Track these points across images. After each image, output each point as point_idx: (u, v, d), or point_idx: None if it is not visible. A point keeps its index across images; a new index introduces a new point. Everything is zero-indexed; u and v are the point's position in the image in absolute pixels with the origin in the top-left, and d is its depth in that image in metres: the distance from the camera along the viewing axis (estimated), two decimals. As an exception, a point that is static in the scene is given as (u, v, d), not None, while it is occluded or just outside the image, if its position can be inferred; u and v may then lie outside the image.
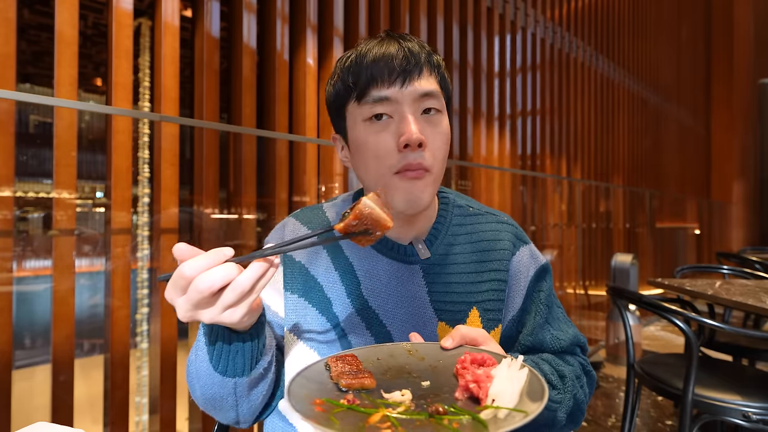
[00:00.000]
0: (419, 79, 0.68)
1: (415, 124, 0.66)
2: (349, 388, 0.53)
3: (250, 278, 0.50)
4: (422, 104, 0.68)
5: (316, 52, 2.02)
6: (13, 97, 1.23)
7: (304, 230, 0.80)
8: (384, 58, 0.68)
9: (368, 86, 0.68)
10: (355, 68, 0.69)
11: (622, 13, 4.84)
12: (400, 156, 0.67)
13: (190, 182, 1.75)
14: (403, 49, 0.68)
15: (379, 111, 0.68)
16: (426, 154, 0.67)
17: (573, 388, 0.71)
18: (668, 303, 1.69)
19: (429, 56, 0.70)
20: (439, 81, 0.71)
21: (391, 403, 0.50)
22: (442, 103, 0.71)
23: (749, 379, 1.69)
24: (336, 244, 0.78)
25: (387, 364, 0.60)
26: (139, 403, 2.11)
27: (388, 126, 0.68)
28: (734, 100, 8.28)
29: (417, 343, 0.63)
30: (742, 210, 8.32)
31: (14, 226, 1.31)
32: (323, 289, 0.75)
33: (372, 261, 0.76)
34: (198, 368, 0.65)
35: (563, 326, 0.80)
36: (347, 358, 0.57)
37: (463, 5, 2.83)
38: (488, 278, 0.77)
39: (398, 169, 0.68)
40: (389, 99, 0.67)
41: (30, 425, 0.67)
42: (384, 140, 0.68)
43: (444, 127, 0.71)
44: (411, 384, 0.55)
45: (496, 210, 0.87)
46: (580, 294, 4.06)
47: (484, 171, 2.95)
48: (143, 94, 2.53)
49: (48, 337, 1.33)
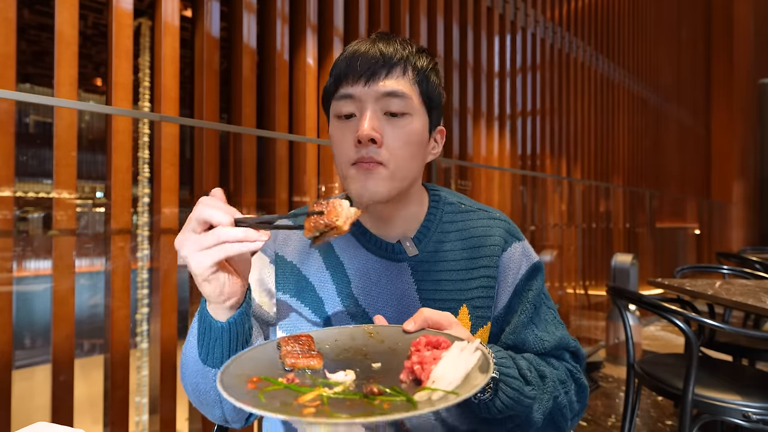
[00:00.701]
0: (386, 78, 0.69)
1: (370, 121, 0.67)
2: (293, 368, 0.53)
3: (233, 233, 0.53)
4: (385, 104, 0.69)
5: (316, 52, 2.02)
6: (13, 97, 1.23)
7: (300, 231, 0.80)
8: (355, 57, 0.69)
9: (339, 83, 0.70)
10: (334, 66, 0.72)
11: (622, 13, 4.84)
12: (356, 150, 0.69)
13: (190, 182, 1.75)
14: (377, 48, 0.69)
15: (346, 110, 0.70)
16: (381, 150, 0.68)
17: (554, 390, 0.70)
18: (668, 303, 1.69)
19: (407, 58, 0.71)
20: (417, 82, 0.71)
21: (330, 383, 0.50)
22: (412, 104, 0.70)
23: (749, 379, 1.69)
24: (327, 244, 0.79)
25: (345, 345, 0.60)
26: (139, 403, 2.11)
27: (352, 124, 0.70)
28: (734, 100, 8.28)
29: (379, 326, 0.63)
30: (742, 210, 8.32)
31: (14, 226, 1.31)
32: (315, 288, 0.76)
33: (362, 260, 0.77)
34: (187, 354, 0.66)
35: (550, 328, 0.78)
36: (301, 338, 0.57)
37: (463, 5, 2.83)
38: (478, 275, 0.76)
39: (353, 161, 0.69)
40: (353, 97, 0.69)
41: (30, 425, 0.67)
42: (345, 136, 0.70)
43: (410, 128, 0.70)
44: (361, 365, 0.55)
45: (489, 207, 0.86)
46: (580, 294, 4.06)
47: (484, 171, 2.95)
48: (143, 94, 2.53)
49: (48, 337, 1.34)
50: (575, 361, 0.80)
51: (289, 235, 0.81)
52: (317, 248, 0.79)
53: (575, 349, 0.79)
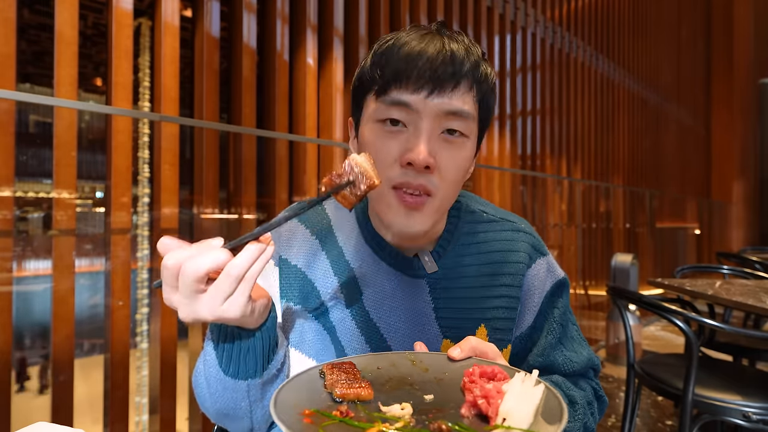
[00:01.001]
0: (452, 92, 0.58)
1: (427, 144, 0.58)
2: (343, 399, 0.49)
3: (244, 260, 0.46)
4: (446, 123, 0.59)
5: (316, 52, 2.02)
6: (13, 97, 1.23)
7: (302, 228, 0.74)
8: (417, 57, 0.58)
9: (390, 84, 0.59)
10: (384, 58, 0.60)
11: (622, 13, 4.84)
12: (402, 171, 0.59)
13: (190, 182, 1.75)
14: (445, 51, 0.58)
15: (395, 116, 0.60)
16: (433, 178, 0.59)
17: (584, 415, 0.66)
18: (668, 303, 1.69)
19: (475, 67, 0.60)
20: (478, 100, 0.61)
21: (388, 418, 0.46)
22: (472, 127, 0.61)
23: (749, 379, 1.69)
24: (337, 248, 0.72)
25: (388, 374, 0.55)
26: (139, 403, 2.11)
27: (399, 135, 0.60)
28: (734, 100, 8.28)
29: (421, 353, 0.58)
30: (742, 210, 8.32)
31: (14, 226, 1.31)
32: (321, 295, 0.70)
33: (375, 271, 0.70)
34: (207, 376, 0.60)
35: (577, 347, 0.74)
36: (344, 366, 0.53)
37: (463, 5, 2.83)
38: (499, 294, 0.70)
39: (396, 184, 0.60)
40: (408, 106, 0.59)
41: (30, 425, 0.67)
42: (390, 149, 0.60)
43: (465, 153, 0.62)
44: (412, 397, 0.51)
45: (513, 215, 0.78)
46: (580, 294, 4.06)
47: (484, 171, 2.95)
48: (143, 94, 2.53)
49: (48, 337, 1.33)
50: (596, 377, 0.77)
51: (293, 236, 0.74)
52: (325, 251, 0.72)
53: (598, 365, 0.77)
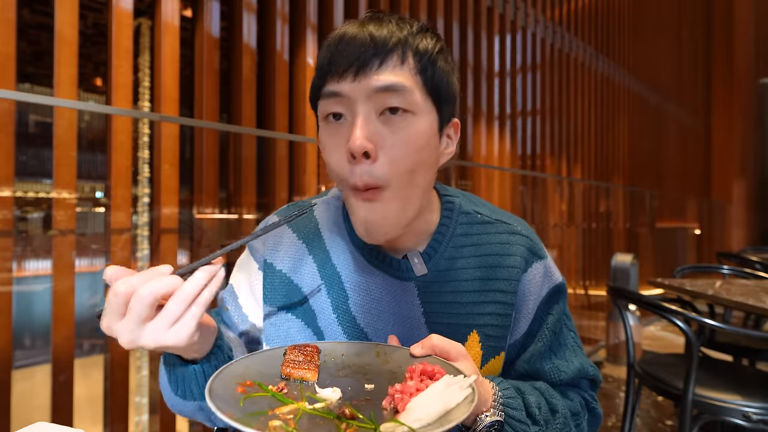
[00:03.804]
0: (378, 70, 0.55)
1: (364, 128, 0.55)
2: (288, 377, 0.53)
3: (195, 285, 0.46)
4: (383, 101, 0.56)
5: (316, 52, 2.02)
6: (13, 97, 1.23)
7: (288, 231, 0.73)
8: (341, 44, 0.56)
9: (324, 78, 0.58)
10: (320, 55, 0.59)
11: (622, 13, 4.83)
12: (350, 169, 0.56)
13: (190, 182, 1.75)
14: (366, 32, 0.55)
15: (335, 110, 0.57)
16: (377, 167, 0.56)
17: (564, 425, 0.64)
18: (668, 303, 1.69)
19: (405, 41, 0.56)
20: (420, 71, 0.57)
21: (316, 398, 0.49)
22: (416, 100, 0.57)
23: (749, 379, 1.69)
24: (324, 251, 0.70)
25: (349, 361, 0.58)
26: (139, 403, 2.11)
27: (341, 128, 0.58)
28: (734, 100, 8.28)
29: (388, 346, 0.60)
30: (742, 210, 8.31)
31: (14, 226, 1.31)
32: (308, 299, 0.69)
33: (362, 274, 0.68)
34: (163, 384, 0.61)
35: (569, 355, 0.70)
36: (307, 349, 0.56)
37: (463, 5, 2.83)
38: (492, 299, 0.67)
39: (351, 184, 0.57)
40: (341, 94, 0.56)
41: (30, 425, 0.67)
42: (338, 145, 0.58)
43: (413, 131, 0.57)
44: (355, 384, 0.53)
45: (511, 216, 0.75)
46: (580, 294, 4.06)
47: (484, 171, 2.95)
48: (143, 94, 2.53)
49: (48, 337, 1.33)
50: (592, 389, 0.74)
51: (280, 239, 0.72)
52: (312, 255, 0.71)
53: (593, 376, 0.72)
